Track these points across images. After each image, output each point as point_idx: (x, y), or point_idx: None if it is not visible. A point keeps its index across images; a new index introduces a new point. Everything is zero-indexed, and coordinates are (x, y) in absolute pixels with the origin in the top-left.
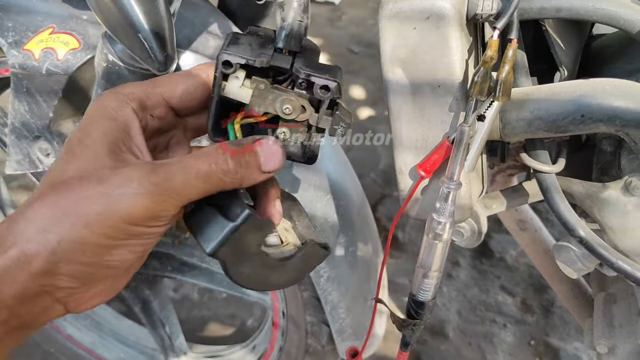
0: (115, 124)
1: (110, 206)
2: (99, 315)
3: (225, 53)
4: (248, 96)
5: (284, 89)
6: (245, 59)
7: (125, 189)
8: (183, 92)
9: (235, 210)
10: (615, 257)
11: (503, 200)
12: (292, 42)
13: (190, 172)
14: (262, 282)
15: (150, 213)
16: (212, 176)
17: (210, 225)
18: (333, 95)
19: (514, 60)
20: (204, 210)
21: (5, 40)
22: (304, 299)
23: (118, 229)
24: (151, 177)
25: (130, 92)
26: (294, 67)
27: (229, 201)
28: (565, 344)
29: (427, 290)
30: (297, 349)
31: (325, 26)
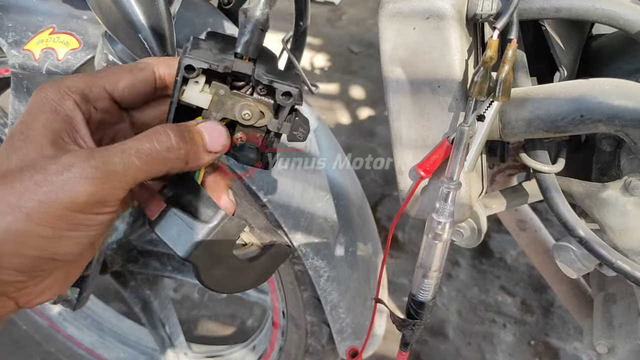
0: (57, 116)
1: (51, 194)
2: (99, 315)
3: (188, 57)
4: (207, 101)
5: (243, 95)
6: (208, 64)
7: (66, 175)
8: (126, 86)
9: (207, 212)
10: (615, 257)
11: (503, 200)
12: (251, 49)
13: (130, 152)
14: (232, 284)
15: (94, 198)
16: (154, 154)
17: (182, 229)
18: (295, 101)
19: (514, 60)
20: (172, 213)
21: (6, 40)
22: (304, 299)
23: (61, 218)
24: (90, 161)
25: (72, 85)
26: (256, 74)
27: (196, 203)
28: (565, 344)
29: (427, 290)
30: (297, 349)
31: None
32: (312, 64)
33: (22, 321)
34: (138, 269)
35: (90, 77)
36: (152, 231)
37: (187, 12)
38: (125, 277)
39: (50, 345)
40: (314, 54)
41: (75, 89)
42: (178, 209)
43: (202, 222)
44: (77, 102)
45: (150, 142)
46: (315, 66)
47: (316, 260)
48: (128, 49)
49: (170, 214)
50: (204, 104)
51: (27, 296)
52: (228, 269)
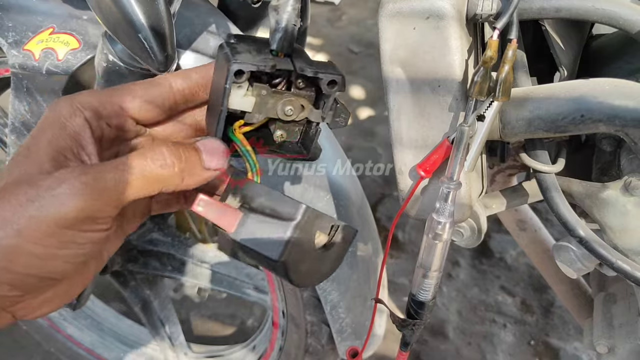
0: (64, 132)
1: (41, 209)
2: (99, 315)
3: (236, 63)
4: (251, 104)
5: (282, 92)
6: (256, 66)
7: (56, 190)
8: (142, 102)
9: (287, 209)
10: (615, 257)
11: (503, 200)
12: (286, 45)
13: (123, 170)
14: (314, 276)
15: (84, 214)
16: (147, 172)
17: (268, 232)
18: (339, 88)
19: (514, 60)
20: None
21: (5, 40)
22: (304, 299)
23: (52, 235)
24: (81, 177)
25: (84, 101)
26: (298, 68)
27: (272, 204)
28: (565, 344)
29: (427, 290)
30: (297, 349)
31: (325, 26)
32: None
33: (22, 321)
34: (138, 269)
35: (105, 93)
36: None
37: (187, 12)
38: (125, 277)
39: (50, 345)
40: (314, 54)
41: (88, 105)
42: (257, 214)
43: (286, 220)
44: (87, 119)
45: (144, 159)
46: None
47: None
48: (128, 49)
49: (251, 220)
50: (248, 107)
51: (25, 309)
52: (311, 262)
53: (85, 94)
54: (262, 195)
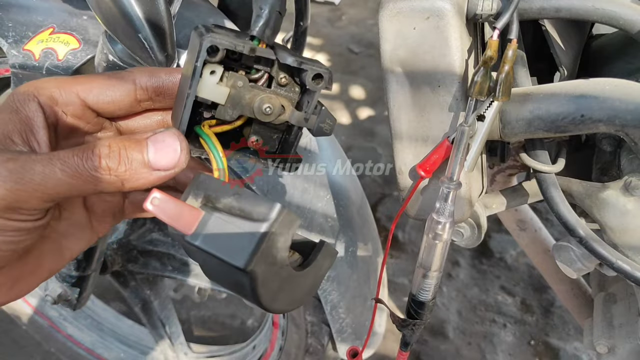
0: (15, 116)
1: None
2: (99, 315)
3: (209, 37)
4: (224, 96)
5: (262, 88)
6: (233, 44)
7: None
8: (100, 93)
9: (259, 209)
10: (615, 257)
11: (503, 200)
12: (268, 33)
13: (54, 164)
14: (287, 298)
15: (5, 202)
16: (80, 171)
17: (235, 234)
18: (326, 85)
19: (514, 60)
20: (216, 219)
21: (5, 40)
22: None
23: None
24: (9, 164)
25: (41, 86)
26: (281, 57)
27: (241, 203)
28: (565, 344)
29: (427, 290)
30: (297, 349)
31: (325, 26)
32: None
33: (22, 321)
34: (138, 269)
35: (64, 80)
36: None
37: (187, 12)
38: (125, 277)
39: (50, 345)
40: (314, 54)
41: (44, 90)
42: (223, 213)
43: (256, 221)
44: (41, 104)
45: (79, 158)
46: None
47: None
48: (128, 49)
49: (215, 221)
50: (220, 98)
51: None
52: (283, 281)
53: (46, 79)
54: (230, 195)
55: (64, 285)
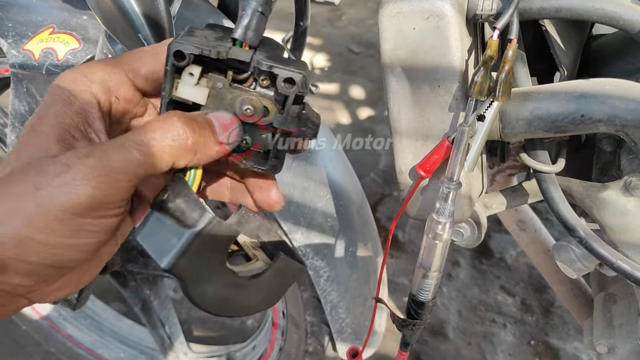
0: (70, 108)
1: (50, 198)
2: (99, 315)
3: (176, 42)
4: (204, 96)
5: (244, 88)
6: (200, 49)
7: (63, 177)
8: (149, 71)
9: (193, 215)
10: (615, 257)
11: (503, 200)
12: (250, 34)
13: (130, 146)
14: (230, 305)
15: (95, 201)
16: (158, 146)
17: (164, 235)
18: (299, 89)
19: (514, 60)
20: (155, 219)
21: (5, 40)
22: (304, 299)
23: (62, 223)
24: (87, 160)
25: (89, 72)
26: (255, 59)
27: (184, 207)
28: (565, 344)
29: (427, 290)
30: (297, 349)
31: (325, 26)
32: (312, 64)
33: (22, 321)
34: (138, 269)
35: (111, 63)
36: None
37: (187, 12)
38: (125, 277)
39: (50, 345)
40: (314, 54)
41: (94, 77)
42: (162, 213)
43: (186, 227)
44: (94, 93)
45: (154, 132)
46: (315, 66)
47: (316, 260)
48: (128, 49)
49: (154, 219)
50: (200, 99)
51: (40, 295)
52: (222, 286)
53: (92, 65)
54: (181, 197)
55: None
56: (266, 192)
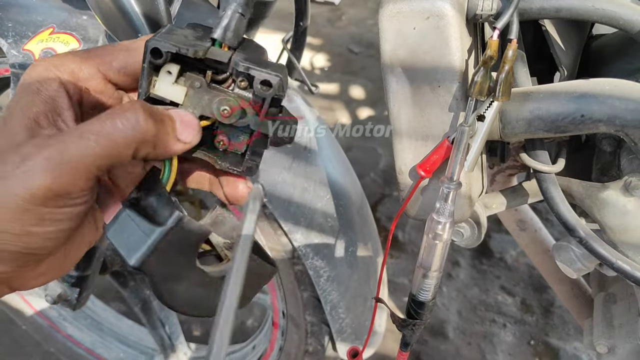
0: (38, 97)
1: (9, 188)
2: (99, 315)
3: (154, 40)
4: (181, 95)
5: (222, 89)
6: (177, 47)
7: (22, 167)
8: (121, 66)
9: (163, 213)
10: (615, 257)
11: (503, 200)
12: (229, 35)
13: (88, 137)
14: (200, 304)
15: (52, 192)
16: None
17: (134, 232)
18: (275, 92)
19: (514, 60)
20: (125, 216)
21: (5, 40)
22: (304, 299)
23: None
24: (44, 151)
25: (60, 63)
26: (232, 60)
27: (155, 204)
28: (565, 344)
29: (427, 290)
30: (297, 349)
31: (325, 26)
32: (312, 64)
33: (22, 321)
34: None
35: (83, 55)
36: None
37: (187, 12)
38: (125, 277)
39: (50, 345)
40: (314, 54)
41: (64, 67)
42: (133, 211)
43: (155, 225)
44: (63, 82)
45: (113, 122)
46: (315, 66)
47: (316, 260)
48: None
49: (124, 216)
50: (177, 98)
51: (20, 281)
52: (193, 285)
53: (62, 55)
54: (153, 195)
55: (63, 285)
56: (233, 186)
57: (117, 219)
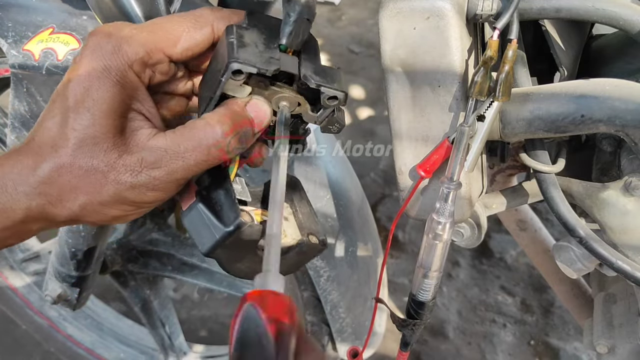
0: (122, 89)
1: (121, 193)
2: (99, 315)
3: (236, 62)
4: (246, 93)
5: (281, 86)
6: (257, 69)
7: (132, 179)
8: (184, 47)
9: (229, 215)
10: (615, 257)
11: (503, 200)
12: (295, 41)
13: (188, 158)
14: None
15: (158, 201)
16: (212, 156)
17: (205, 226)
18: (339, 104)
19: (514, 60)
20: (198, 210)
21: (5, 40)
22: (304, 299)
23: (127, 204)
24: (154, 171)
25: (132, 54)
26: (303, 75)
27: (222, 203)
28: (565, 344)
29: (427, 290)
30: None
31: (325, 26)
32: None
33: (22, 321)
34: (138, 269)
35: (149, 40)
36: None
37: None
38: (125, 277)
39: (50, 345)
40: None
41: (136, 58)
42: (205, 205)
43: (222, 223)
44: (138, 73)
45: (207, 149)
46: None
47: (316, 260)
48: None
49: (197, 209)
50: (242, 94)
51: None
52: (253, 262)
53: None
54: (221, 191)
55: (63, 285)
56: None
57: (191, 210)
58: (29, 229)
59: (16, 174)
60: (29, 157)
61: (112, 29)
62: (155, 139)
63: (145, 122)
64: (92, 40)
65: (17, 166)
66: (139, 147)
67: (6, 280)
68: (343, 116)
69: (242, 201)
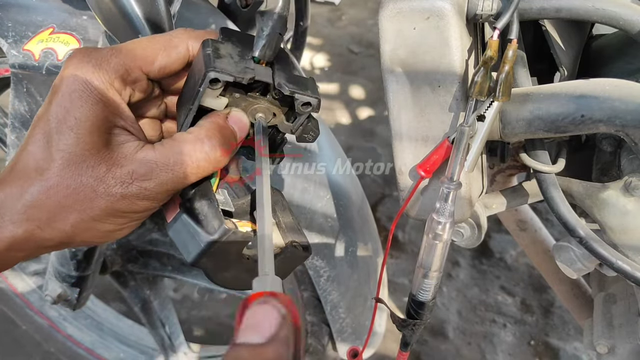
0: (104, 106)
1: (113, 205)
2: (99, 315)
3: (213, 71)
4: (223, 105)
5: (256, 97)
6: (233, 77)
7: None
8: (161, 66)
9: (213, 223)
10: (615, 257)
11: (503, 200)
12: (268, 53)
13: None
14: (244, 283)
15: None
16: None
17: (190, 236)
18: (313, 110)
19: (514, 60)
20: (182, 221)
21: (5, 40)
22: (304, 299)
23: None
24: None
25: (111, 71)
26: (277, 83)
27: (206, 212)
28: (565, 344)
29: (427, 290)
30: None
31: (325, 26)
32: (312, 64)
33: (22, 321)
34: (138, 269)
35: (128, 58)
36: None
37: (187, 12)
38: (125, 277)
39: (50, 345)
40: (314, 54)
41: (116, 75)
42: (189, 216)
43: (207, 232)
44: (119, 90)
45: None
46: (316, 66)
47: (316, 260)
48: None
49: (182, 219)
50: (219, 107)
51: None
52: (239, 271)
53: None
54: (205, 201)
55: (63, 285)
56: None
57: (176, 221)
58: (14, 256)
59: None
60: (13, 184)
61: (92, 49)
62: (144, 152)
63: (131, 136)
64: (72, 62)
65: (0, 195)
66: (128, 160)
67: (6, 280)
68: (317, 124)
69: (226, 212)
